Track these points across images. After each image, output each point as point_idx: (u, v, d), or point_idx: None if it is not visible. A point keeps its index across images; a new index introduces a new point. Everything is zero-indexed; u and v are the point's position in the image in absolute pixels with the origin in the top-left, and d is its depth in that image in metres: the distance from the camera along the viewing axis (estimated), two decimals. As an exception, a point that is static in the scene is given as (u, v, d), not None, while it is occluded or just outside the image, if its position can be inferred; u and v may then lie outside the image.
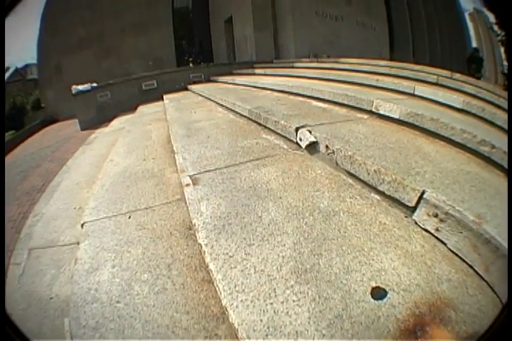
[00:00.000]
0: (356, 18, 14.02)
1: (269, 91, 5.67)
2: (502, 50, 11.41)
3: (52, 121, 18.63)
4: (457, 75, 5.38)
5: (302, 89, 4.68)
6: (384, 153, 2.10)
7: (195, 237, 1.86)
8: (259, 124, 3.60)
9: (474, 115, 3.25)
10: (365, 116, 3.25)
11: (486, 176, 1.94)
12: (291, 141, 2.86)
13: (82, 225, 2.53)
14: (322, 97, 4.13)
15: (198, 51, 20.23)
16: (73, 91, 10.75)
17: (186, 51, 20.26)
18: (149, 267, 1.82)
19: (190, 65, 17.87)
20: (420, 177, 1.77)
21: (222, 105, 5.27)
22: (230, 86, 7.79)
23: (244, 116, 4.08)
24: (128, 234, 2.17)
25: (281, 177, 2.23)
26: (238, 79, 7.66)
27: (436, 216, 1.56)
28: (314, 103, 4.16)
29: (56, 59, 19.15)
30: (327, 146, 2.39)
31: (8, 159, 13.21)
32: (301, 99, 4.57)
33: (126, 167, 3.56)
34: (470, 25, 22.14)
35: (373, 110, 3.19)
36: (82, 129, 10.29)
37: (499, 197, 1.63)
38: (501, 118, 3.03)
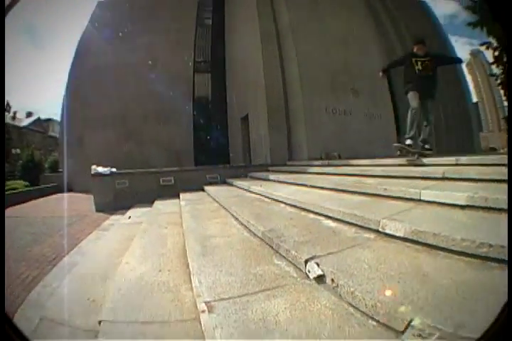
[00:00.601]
0: (364, 110, 14.43)
1: (282, 205, 5.87)
2: (502, 92, 11.56)
3: (69, 188, 18.86)
4: (463, 159, 5.56)
5: (313, 207, 4.88)
6: (384, 285, 2.28)
7: None
8: (272, 247, 3.74)
9: (478, 207, 3.34)
10: (372, 236, 3.43)
11: (480, 282, 2.14)
12: (301, 270, 2.98)
13: (100, 322, 2.74)
14: (332, 216, 4.33)
15: (214, 146, 20.69)
16: (92, 172, 11.20)
17: (204, 144, 20.81)
18: None
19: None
20: (412, 306, 1.96)
21: (237, 219, 5.47)
22: (246, 193, 8.07)
23: (258, 237, 4.26)
24: None
25: (289, 309, 2.34)
26: (253, 187, 7.91)
27: (420, 335, 1.75)
28: (325, 222, 4.33)
29: (80, 131, 20.02)
30: (332, 280, 2.54)
31: (19, 211, 13.26)
32: (312, 216, 4.74)
33: (143, 275, 3.73)
34: (468, 78, 22.37)
35: (380, 230, 3.38)
36: (97, 211, 10.49)
37: (484, 307, 1.81)
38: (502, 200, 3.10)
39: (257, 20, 15.23)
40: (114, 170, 11.57)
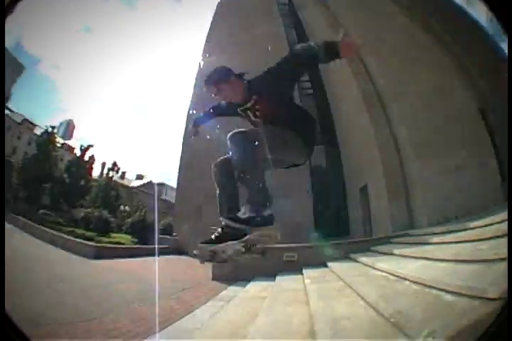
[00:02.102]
0: (474, 162, 12.56)
1: (407, 282, 5.39)
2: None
3: (181, 252, 19.52)
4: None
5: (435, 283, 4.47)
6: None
7: None
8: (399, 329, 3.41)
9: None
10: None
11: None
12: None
13: None
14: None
15: (334, 219, 20.40)
16: None
17: (323, 216, 20.56)
18: None
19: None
20: None
21: (362, 298, 5.19)
22: (370, 271, 7.66)
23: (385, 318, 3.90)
24: None
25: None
26: (378, 265, 7.48)
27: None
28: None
29: (198, 200, 20.47)
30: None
31: (126, 265, 13.80)
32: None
33: None
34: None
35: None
36: (213, 279, 10.59)
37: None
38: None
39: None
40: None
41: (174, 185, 32.25)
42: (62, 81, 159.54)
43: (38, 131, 41.27)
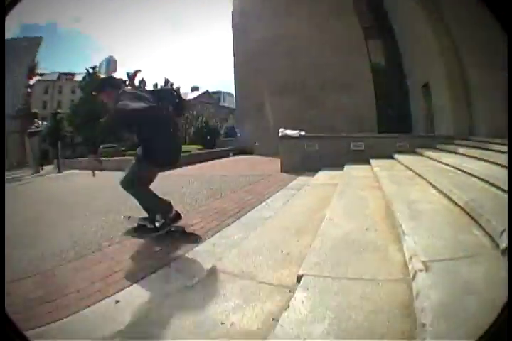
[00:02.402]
0: None
1: (474, 179, 5.56)
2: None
3: (245, 151, 20.46)
4: None
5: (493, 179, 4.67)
6: None
7: (415, 318, 2.00)
8: (471, 217, 3.60)
9: None
10: None
11: None
12: (495, 241, 2.85)
13: (301, 276, 2.82)
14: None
15: (395, 113, 20.08)
16: (280, 134, 11.58)
17: (385, 112, 20.32)
18: (361, 335, 1.95)
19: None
20: None
21: (434, 186, 5.34)
22: (437, 164, 7.82)
23: (458, 205, 4.12)
24: (350, 299, 2.35)
25: (484, 276, 2.28)
26: (444, 159, 7.68)
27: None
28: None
29: (258, 97, 20.92)
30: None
31: (194, 170, 14.57)
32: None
33: (349, 233, 3.75)
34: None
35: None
36: (283, 171, 10.86)
37: None
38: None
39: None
40: (303, 133, 11.86)
41: (232, 91, 32.30)
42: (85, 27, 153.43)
43: (79, 78, 40.87)
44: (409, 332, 1.94)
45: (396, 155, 10.20)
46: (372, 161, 9.52)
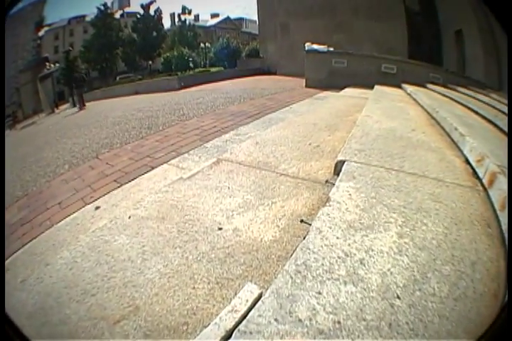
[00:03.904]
0: None
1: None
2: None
3: (269, 72, 19.81)
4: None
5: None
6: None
7: (500, 239, 1.56)
8: None
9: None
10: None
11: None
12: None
13: (342, 162, 2.26)
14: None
15: (427, 52, 19.48)
16: (307, 48, 11.00)
17: (417, 49, 19.67)
18: (447, 257, 1.39)
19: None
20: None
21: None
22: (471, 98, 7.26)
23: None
24: (419, 199, 1.78)
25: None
26: (479, 96, 7.24)
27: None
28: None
29: (284, 18, 20.02)
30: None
31: (213, 86, 14.39)
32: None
33: (393, 129, 3.23)
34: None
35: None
36: (308, 86, 10.36)
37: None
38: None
39: None
40: (331, 49, 11.23)
41: (254, 18, 31.82)
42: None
43: (89, 18, 40.44)
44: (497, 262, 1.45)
45: (429, 85, 9.61)
46: (405, 86, 8.94)
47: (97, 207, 2.95)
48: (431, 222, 1.55)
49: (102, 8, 34.49)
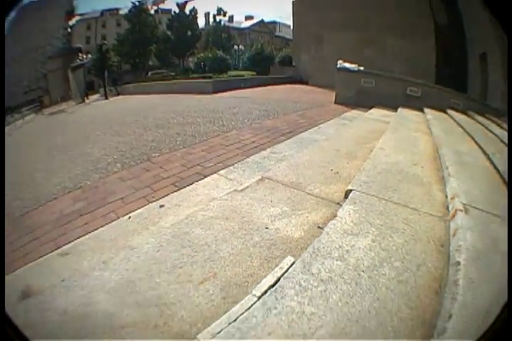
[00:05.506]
0: None
1: None
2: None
3: (301, 81, 20.13)
4: None
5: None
6: None
7: (447, 255, 2.16)
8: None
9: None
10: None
11: None
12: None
13: (350, 191, 3.07)
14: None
15: (454, 73, 19.44)
16: (338, 65, 11.43)
17: (444, 70, 19.65)
18: (400, 257, 2.12)
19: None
20: None
21: (483, 150, 5.08)
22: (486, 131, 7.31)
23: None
24: (394, 221, 2.56)
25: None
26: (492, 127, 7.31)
27: None
28: None
29: (317, 29, 20.31)
30: None
31: (247, 92, 14.75)
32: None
33: (398, 162, 3.96)
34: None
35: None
36: (336, 103, 10.98)
37: None
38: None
39: None
40: (361, 68, 11.62)
41: (288, 22, 31.49)
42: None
43: (122, 12, 39.85)
44: (441, 269, 2.08)
45: (449, 111, 9.86)
46: (426, 110, 9.29)
47: (161, 206, 3.56)
48: (396, 236, 2.33)
49: (137, 3, 34.44)
